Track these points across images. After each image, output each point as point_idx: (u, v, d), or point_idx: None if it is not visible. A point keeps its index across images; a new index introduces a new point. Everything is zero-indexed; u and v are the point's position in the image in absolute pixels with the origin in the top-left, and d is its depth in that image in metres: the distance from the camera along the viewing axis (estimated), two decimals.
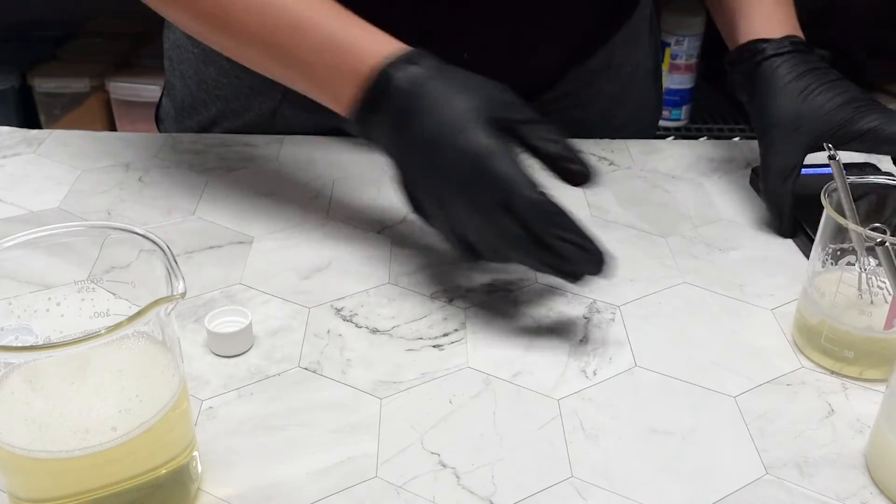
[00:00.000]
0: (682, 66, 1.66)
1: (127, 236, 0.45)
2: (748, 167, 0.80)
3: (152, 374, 0.43)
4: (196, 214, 0.71)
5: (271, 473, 0.48)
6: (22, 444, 0.40)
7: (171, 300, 0.40)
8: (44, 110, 1.67)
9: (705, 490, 0.48)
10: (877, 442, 0.49)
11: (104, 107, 1.66)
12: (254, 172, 0.77)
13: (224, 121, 0.84)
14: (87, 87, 1.64)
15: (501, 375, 0.55)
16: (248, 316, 0.57)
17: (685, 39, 1.64)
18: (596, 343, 0.58)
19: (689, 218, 0.72)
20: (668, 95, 1.69)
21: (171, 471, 0.44)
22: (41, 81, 1.64)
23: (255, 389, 0.54)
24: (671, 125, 1.71)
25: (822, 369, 0.56)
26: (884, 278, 0.52)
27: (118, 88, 1.63)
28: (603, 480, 0.48)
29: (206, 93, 0.84)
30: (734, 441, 0.51)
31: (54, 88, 1.64)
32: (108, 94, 1.64)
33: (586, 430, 0.52)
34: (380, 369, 0.56)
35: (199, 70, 0.83)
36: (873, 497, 0.48)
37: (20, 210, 0.71)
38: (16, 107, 1.66)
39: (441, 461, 0.49)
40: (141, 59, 1.70)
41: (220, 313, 0.57)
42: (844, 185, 0.55)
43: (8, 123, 0.86)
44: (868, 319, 0.54)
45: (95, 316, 0.44)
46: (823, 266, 0.56)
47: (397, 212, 0.72)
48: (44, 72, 1.65)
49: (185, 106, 0.86)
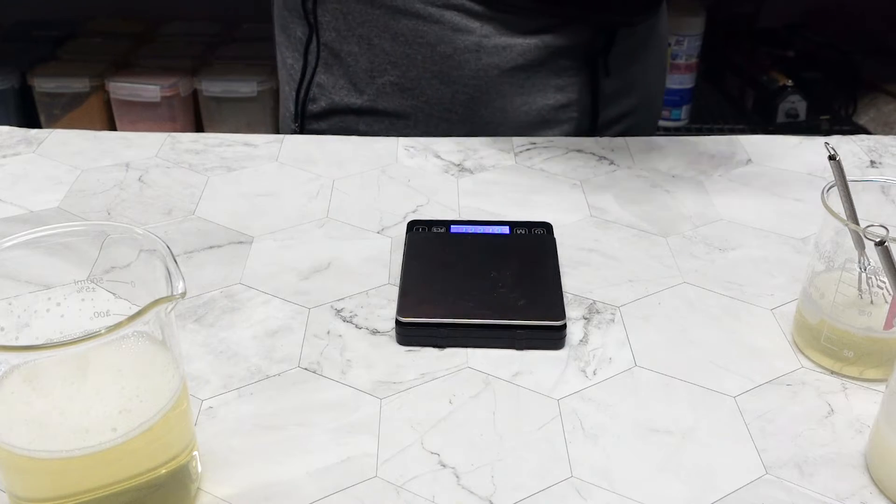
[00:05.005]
0: (682, 66, 1.66)
1: (127, 236, 0.45)
2: (749, 164, 0.80)
3: (152, 374, 0.43)
4: (196, 214, 0.71)
5: (271, 473, 0.48)
6: (22, 444, 0.40)
7: (171, 300, 0.40)
8: (44, 110, 1.67)
9: (705, 490, 0.48)
10: (877, 442, 0.49)
11: (104, 107, 1.66)
12: (254, 172, 0.78)
13: (431, 65, 0.84)
14: (87, 87, 1.64)
15: (501, 375, 0.55)
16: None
17: (685, 39, 1.64)
18: (596, 343, 0.58)
19: (689, 218, 0.72)
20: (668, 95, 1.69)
21: (171, 471, 0.44)
22: (41, 81, 1.64)
23: (255, 389, 0.54)
24: (671, 125, 1.71)
25: (822, 369, 0.56)
26: (884, 278, 0.52)
27: (118, 88, 1.63)
28: (603, 480, 0.48)
29: (404, 45, 0.84)
30: (734, 441, 0.51)
31: (54, 88, 1.64)
32: (108, 94, 1.65)
33: (586, 429, 0.52)
34: (380, 369, 0.56)
35: (390, 26, 0.83)
36: (873, 497, 0.48)
37: (20, 210, 0.71)
38: (16, 107, 1.66)
39: (441, 461, 0.49)
40: (141, 59, 1.70)
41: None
42: (844, 185, 0.55)
43: (8, 123, 0.86)
44: (868, 319, 0.54)
45: (95, 316, 0.44)
46: (823, 266, 0.56)
47: (397, 212, 0.72)
48: (44, 72, 1.65)
49: (374, 66, 0.85)
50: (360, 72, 0.85)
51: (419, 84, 0.85)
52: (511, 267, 0.63)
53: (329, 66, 0.87)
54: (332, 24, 0.85)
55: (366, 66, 0.85)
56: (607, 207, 0.74)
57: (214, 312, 0.60)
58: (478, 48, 0.83)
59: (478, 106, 0.86)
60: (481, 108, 0.86)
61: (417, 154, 0.81)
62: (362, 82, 0.86)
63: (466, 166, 0.79)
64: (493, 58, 0.83)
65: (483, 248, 0.65)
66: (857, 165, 0.80)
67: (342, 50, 0.85)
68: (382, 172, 0.78)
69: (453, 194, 0.75)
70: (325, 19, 0.85)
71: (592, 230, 0.70)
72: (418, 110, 0.86)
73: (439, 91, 0.85)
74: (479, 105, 0.86)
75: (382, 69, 0.85)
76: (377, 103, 0.86)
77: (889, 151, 0.84)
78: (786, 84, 1.67)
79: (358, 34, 0.84)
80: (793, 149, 0.84)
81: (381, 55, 0.84)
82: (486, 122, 0.86)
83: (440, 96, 0.85)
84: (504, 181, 0.77)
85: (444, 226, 0.67)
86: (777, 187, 0.77)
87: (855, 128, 1.66)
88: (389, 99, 0.86)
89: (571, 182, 0.77)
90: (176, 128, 1.65)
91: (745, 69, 1.76)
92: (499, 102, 0.85)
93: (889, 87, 1.71)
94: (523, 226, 0.68)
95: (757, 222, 0.72)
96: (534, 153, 0.82)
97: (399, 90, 0.85)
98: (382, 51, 0.84)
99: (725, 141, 0.85)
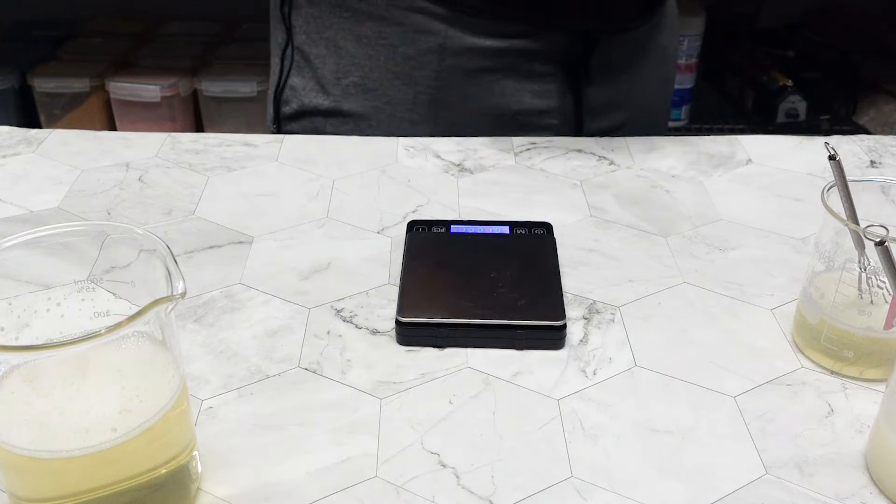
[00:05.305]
0: (682, 66, 1.66)
1: (127, 236, 0.45)
2: (749, 164, 0.80)
3: (152, 374, 0.43)
4: (196, 214, 0.71)
5: (271, 473, 0.48)
6: (22, 444, 0.40)
7: (171, 300, 0.40)
8: (44, 110, 1.67)
9: (705, 490, 0.48)
10: (877, 442, 0.49)
11: (104, 107, 1.66)
12: (254, 172, 0.78)
13: (393, 66, 0.84)
14: (87, 87, 1.64)
15: (501, 375, 0.55)
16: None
17: (685, 39, 1.64)
18: (596, 343, 0.58)
19: (689, 218, 0.72)
20: None
21: (171, 471, 0.44)
22: (41, 81, 1.64)
23: (255, 389, 0.54)
24: (671, 125, 1.71)
25: (822, 369, 0.56)
26: (884, 278, 0.52)
27: (118, 88, 1.63)
28: (603, 480, 0.48)
29: (367, 47, 0.84)
30: (734, 441, 0.51)
31: (54, 88, 1.64)
32: (108, 94, 1.64)
33: (586, 429, 0.52)
34: (380, 369, 0.56)
35: (354, 29, 0.84)
36: (873, 497, 0.48)
37: (20, 210, 0.71)
38: (16, 107, 1.66)
39: (441, 461, 0.49)
40: (141, 59, 1.70)
41: None
42: (844, 185, 0.55)
43: (8, 123, 0.86)
44: (868, 319, 0.54)
45: (95, 316, 0.44)
46: (823, 266, 0.56)
47: (397, 212, 0.72)
48: (44, 72, 1.65)
49: (339, 68, 0.86)
50: (328, 74, 0.86)
51: (381, 85, 0.85)
52: (511, 267, 0.63)
53: (301, 68, 0.87)
54: (304, 28, 0.86)
55: (332, 69, 0.86)
56: (607, 207, 0.74)
57: (214, 312, 0.60)
58: (441, 50, 0.82)
59: (440, 107, 0.85)
60: (444, 109, 0.85)
61: (417, 154, 0.81)
62: (329, 84, 0.86)
63: (466, 166, 0.79)
64: (456, 59, 0.83)
65: (483, 248, 0.65)
66: (857, 165, 0.80)
67: (311, 53, 0.86)
68: (382, 172, 0.78)
69: (453, 194, 0.75)
70: (297, 23, 0.86)
71: (592, 230, 0.70)
72: (380, 111, 0.86)
73: (402, 92, 0.85)
74: (441, 107, 0.85)
75: (347, 71, 0.85)
76: (342, 104, 0.86)
77: (889, 151, 0.84)
78: (786, 84, 1.67)
79: (326, 37, 0.85)
80: (793, 149, 0.84)
81: (346, 57, 0.85)
82: (450, 123, 0.85)
83: (402, 97, 0.85)
84: (504, 181, 0.77)
85: (444, 226, 0.67)
86: (777, 187, 0.77)
87: (855, 128, 1.66)
88: (354, 100, 0.86)
89: (571, 182, 0.77)
90: (176, 128, 1.65)
91: (745, 69, 1.76)
92: (464, 104, 0.85)
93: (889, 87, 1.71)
94: (523, 226, 0.68)
95: (757, 222, 0.72)
96: (534, 153, 0.82)
97: (363, 91, 0.85)
98: (347, 53, 0.84)
99: (725, 141, 0.85)
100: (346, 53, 0.85)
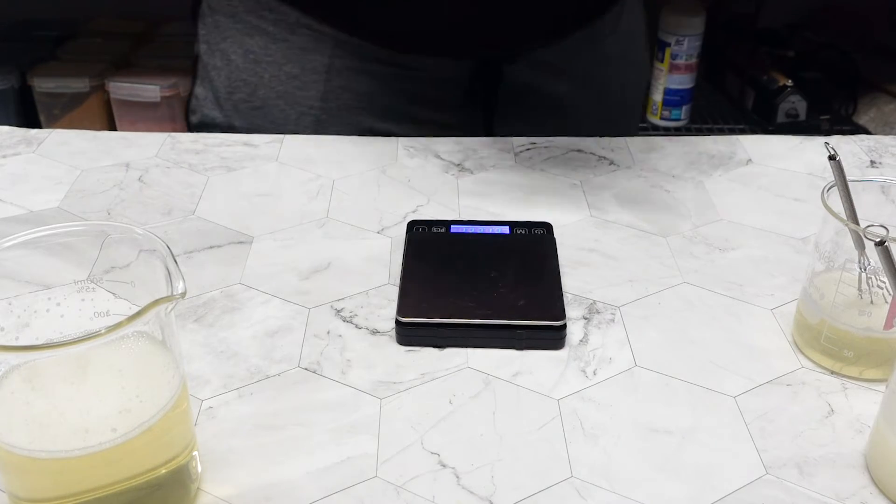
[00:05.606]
0: (682, 66, 1.66)
1: (127, 236, 0.45)
2: (749, 164, 0.80)
3: (152, 374, 0.43)
4: (196, 214, 0.71)
5: (271, 473, 0.48)
6: (22, 444, 0.40)
7: (170, 300, 0.40)
8: (44, 110, 1.67)
9: (705, 490, 0.48)
10: (877, 442, 0.49)
11: (104, 107, 1.66)
12: (254, 172, 0.78)
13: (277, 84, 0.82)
14: (86, 87, 1.64)
15: (501, 375, 0.55)
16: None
17: (685, 39, 1.64)
18: (596, 343, 0.58)
19: (689, 218, 0.72)
20: (667, 95, 1.69)
21: (171, 471, 0.44)
22: (41, 81, 1.64)
23: (255, 389, 0.54)
24: (671, 125, 1.71)
25: (822, 369, 0.56)
26: (884, 278, 0.52)
27: (118, 88, 1.63)
28: (603, 480, 0.48)
29: (254, 63, 0.81)
30: (734, 441, 0.51)
31: (54, 88, 1.64)
32: (107, 94, 1.64)
33: (586, 429, 0.52)
34: (380, 369, 0.56)
35: (244, 42, 0.81)
36: (873, 497, 0.48)
37: (20, 210, 0.71)
38: (16, 107, 1.66)
39: (441, 461, 0.49)
40: (141, 59, 1.70)
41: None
42: (844, 185, 0.55)
43: (8, 123, 0.86)
44: (868, 319, 0.54)
45: (95, 316, 0.44)
46: (823, 266, 0.56)
47: (397, 212, 0.72)
48: (44, 72, 1.65)
49: (231, 82, 0.83)
50: (221, 87, 0.83)
51: (266, 104, 0.81)
52: (511, 267, 0.63)
53: (202, 78, 0.85)
54: (205, 37, 0.83)
55: (224, 83, 0.83)
56: (607, 207, 0.74)
57: (214, 312, 0.60)
58: (327, 70, 0.78)
59: (326, 131, 0.82)
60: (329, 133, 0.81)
61: (417, 154, 0.81)
62: (222, 98, 0.83)
63: (466, 166, 0.79)
64: (343, 81, 0.79)
65: (483, 248, 0.65)
66: (857, 165, 0.80)
67: (209, 63, 0.83)
68: (382, 172, 0.78)
69: (453, 194, 0.75)
70: (201, 32, 0.84)
71: (592, 230, 0.70)
72: (266, 131, 0.83)
73: (284, 112, 0.81)
74: (326, 130, 0.82)
75: (236, 86, 0.82)
76: (234, 120, 0.83)
77: (889, 151, 0.83)
78: (786, 84, 1.67)
79: (221, 49, 0.82)
80: (793, 149, 0.84)
81: (235, 72, 0.81)
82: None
83: (285, 118, 0.81)
84: (504, 181, 0.77)
85: (444, 226, 0.67)
86: (777, 187, 0.77)
87: (855, 128, 1.66)
88: (242, 117, 0.83)
89: (571, 182, 0.77)
90: (176, 128, 1.65)
91: (745, 69, 1.76)
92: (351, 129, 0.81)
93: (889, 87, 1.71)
94: (523, 226, 0.68)
95: (757, 222, 0.72)
96: (534, 153, 0.82)
97: (250, 109, 0.82)
98: (237, 67, 0.81)
99: (725, 141, 0.85)
100: (235, 67, 0.81)
